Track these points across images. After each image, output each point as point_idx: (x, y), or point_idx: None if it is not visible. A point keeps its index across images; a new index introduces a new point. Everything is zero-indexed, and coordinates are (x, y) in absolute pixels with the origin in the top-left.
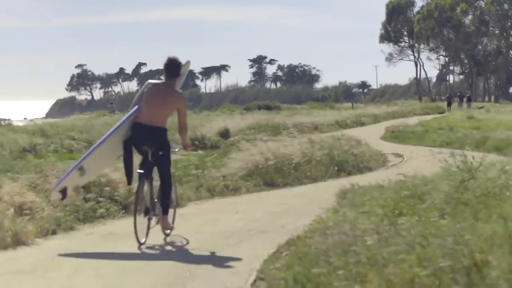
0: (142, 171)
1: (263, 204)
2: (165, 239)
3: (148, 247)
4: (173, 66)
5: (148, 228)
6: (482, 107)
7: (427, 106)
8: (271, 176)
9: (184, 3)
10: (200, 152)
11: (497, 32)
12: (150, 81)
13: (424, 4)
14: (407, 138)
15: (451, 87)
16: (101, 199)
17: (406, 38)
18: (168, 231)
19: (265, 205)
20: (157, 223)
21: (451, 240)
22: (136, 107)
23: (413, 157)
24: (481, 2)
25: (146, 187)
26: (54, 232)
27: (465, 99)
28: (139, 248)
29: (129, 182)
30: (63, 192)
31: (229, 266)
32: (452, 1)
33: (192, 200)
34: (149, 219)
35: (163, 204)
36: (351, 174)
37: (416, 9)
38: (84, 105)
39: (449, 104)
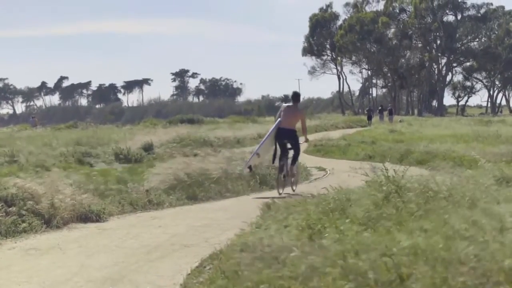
0: (284, 156)
1: (186, 218)
2: (294, 190)
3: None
4: (297, 96)
5: (284, 186)
6: (401, 120)
7: (350, 119)
8: (194, 190)
9: (107, 16)
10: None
11: (420, 45)
12: (284, 104)
13: (346, 17)
14: (330, 151)
15: (374, 101)
16: (24, 212)
17: (329, 52)
18: (295, 187)
19: (188, 219)
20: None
21: (375, 253)
22: (279, 119)
23: (336, 170)
24: (403, 15)
25: (285, 164)
26: None
27: (386, 113)
28: (280, 195)
29: (273, 161)
30: (250, 168)
31: (152, 281)
32: (373, 15)
33: (114, 215)
34: (285, 180)
35: (293, 162)
36: (274, 188)
37: (339, 22)
38: (6, 119)
39: (370, 118)
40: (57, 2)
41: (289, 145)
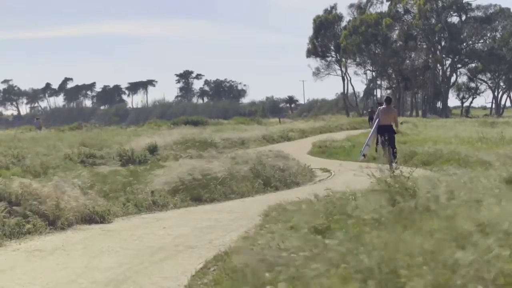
0: (384, 143)
1: (190, 219)
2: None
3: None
4: (389, 99)
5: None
6: (402, 123)
7: (355, 121)
8: (198, 192)
9: (111, 18)
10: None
11: (424, 46)
12: (380, 107)
13: (351, 19)
14: (334, 153)
15: (378, 102)
16: (28, 213)
17: (333, 53)
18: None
19: (193, 221)
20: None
21: (378, 256)
22: (379, 118)
23: (341, 171)
24: (408, 16)
25: (386, 147)
26: None
27: None
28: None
29: (377, 144)
30: (364, 156)
31: (156, 282)
32: (377, 16)
33: (119, 216)
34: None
35: (394, 156)
36: (278, 189)
37: (343, 23)
38: (11, 121)
39: (371, 119)
40: (61, 5)
41: (386, 136)
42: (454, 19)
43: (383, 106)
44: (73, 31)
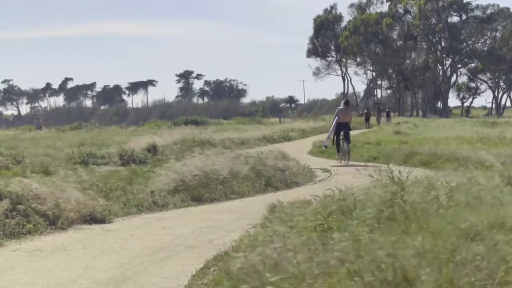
0: (341, 138)
1: (190, 219)
2: (347, 163)
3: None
4: (347, 102)
5: (342, 159)
6: (399, 123)
7: (355, 121)
8: (199, 192)
9: (111, 18)
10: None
11: (424, 46)
12: (340, 107)
13: (351, 19)
14: (334, 153)
15: (378, 101)
16: (29, 212)
17: (333, 53)
18: (348, 161)
19: (193, 221)
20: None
21: (380, 255)
22: (337, 117)
23: (341, 172)
24: (408, 16)
25: (341, 145)
26: None
27: (384, 114)
28: (339, 162)
29: (333, 144)
30: (325, 146)
31: (156, 282)
32: (377, 16)
33: (119, 216)
34: (342, 156)
35: (348, 148)
36: (278, 189)
37: (343, 23)
38: (11, 120)
39: (367, 120)
40: (61, 4)
41: (342, 133)
42: (455, 19)
43: (342, 107)
44: (73, 31)
